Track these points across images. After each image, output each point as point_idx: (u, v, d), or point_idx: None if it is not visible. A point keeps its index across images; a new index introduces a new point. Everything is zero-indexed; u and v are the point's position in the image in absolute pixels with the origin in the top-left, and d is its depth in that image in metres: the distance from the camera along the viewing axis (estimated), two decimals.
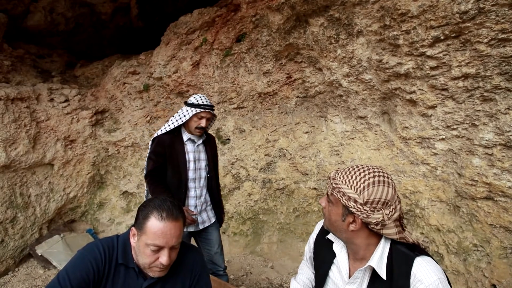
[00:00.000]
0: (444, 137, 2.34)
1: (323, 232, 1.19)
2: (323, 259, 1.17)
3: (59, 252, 3.30)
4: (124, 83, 4.20)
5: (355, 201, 0.97)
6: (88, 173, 3.97)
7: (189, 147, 2.24)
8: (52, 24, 4.45)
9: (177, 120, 2.20)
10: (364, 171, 1.00)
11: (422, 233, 2.55)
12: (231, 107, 3.64)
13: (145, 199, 2.12)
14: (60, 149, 3.75)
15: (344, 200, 0.99)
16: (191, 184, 2.24)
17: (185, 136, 2.24)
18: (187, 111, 2.17)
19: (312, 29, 2.78)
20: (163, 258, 1.10)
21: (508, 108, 1.93)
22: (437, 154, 2.41)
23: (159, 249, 1.10)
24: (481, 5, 1.80)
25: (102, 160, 4.13)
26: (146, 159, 2.26)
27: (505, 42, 1.81)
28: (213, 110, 2.23)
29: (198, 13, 3.67)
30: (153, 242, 1.08)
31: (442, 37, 2.05)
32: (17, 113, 3.41)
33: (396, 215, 0.97)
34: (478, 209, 2.17)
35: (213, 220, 2.37)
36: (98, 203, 4.08)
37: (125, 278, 1.16)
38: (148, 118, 4.17)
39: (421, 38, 2.14)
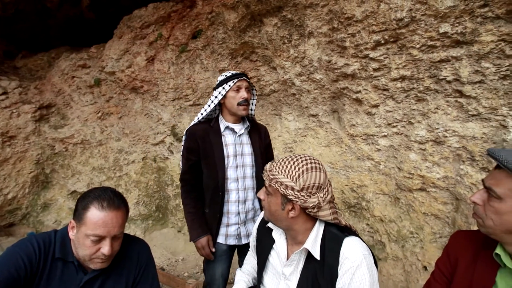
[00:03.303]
0: (386, 134, 2.52)
1: (264, 221, 1.24)
2: (264, 246, 1.22)
3: None
4: (73, 77, 3.96)
5: (293, 189, 1.03)
6: (31, 172, 3.68)
7: (228, 138, 1.78)
8: None
9: (209, 105, 1.80)
10: (297, 160, 1.06)
11: (367, 224, 2.73)
12: (187, 104, 3.60)
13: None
14: None
15: (282, 190, 1.04)
16: (231, 186, 1.77)
17: (222, 124, 1.79)
18: (219, 92, 1.76)
19: (266, 28, 2.85)
20: (105, 248, 1.07)
21: (437, 108, 2.14)
22: (380, 150, 2.59)
23: (100, 239, 1.07)
24: (413, 14, 1.98)
25: (48, 158, 3.86)
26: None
27: (433, 49, 2.02)
28: (249, 79, 1.82)
29: (153, 7, 3.58)
30: (93, 232, 1.06)
31: (382, 41, 2.22)
32: None
33: (329, 197, 1.05)
34: (414, 200, 2.37)
35: None
36: (43, 204, 3.79)
37: (62, 273, 1.12)
38: (100, 114, 3.98)
39: (365, 41, 2.30)
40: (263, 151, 1.88)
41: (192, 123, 1.85)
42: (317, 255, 1.05)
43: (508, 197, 0.83)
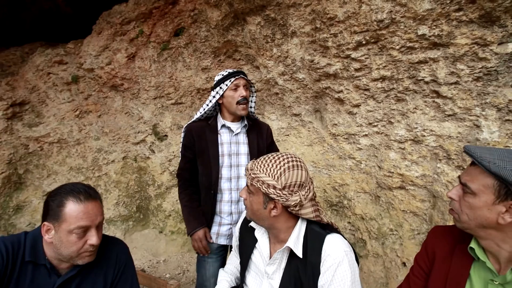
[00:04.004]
0: (367, 133, 2.57)
1: (247, 221, 1.23)
2: (246, 245, 1.21)
3: None
4: (49, 73, 3.80)
5: (274, 187, 1.02)
6: (2, 172, 3.51)
7: (224, 137, 1.77)
8: None
9: (207, 105, 1.77)
10: (278, 158, 1.06)
11: (349, 222, 2.77)
12: (169, 102, 3.54)
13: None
14: None
15: (264, 188, 1.04)
16: (224, 185, 1.75)
17: (220, 123, 1.78)
18: (216, 92, 1.74)
19: (249, 27, 2.84)
20: (93, 238, 1.06)
21: (415, 108, 2.20)
22: (361, 149, 2.64)
23: (85, 230, 1.05)
24: (393, 16, 2.03)
25: (21, 158, 3.69)
26: None
27: (412, 50, 2.07)
28: (246, 77, 1.78)
29: (134, 3, 3.49)
30: (77, 225, 1.03)
31: (364, 42, 2.26)
32: None
33: (310, 194, 1.06)
34: (394, 198, 2.43)
35: None
36: (15, 206, 3.62)
37: (33, 276, 1.07)
38: (78, 112, 3.84)
39: (347, 41, 2.33)
40: (263, 151, 1.84)
41: (190, 121, 1.84)
42: (299, 253, 1.05)
43: (482, 193, 0.86)
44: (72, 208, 1.04)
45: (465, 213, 0.89)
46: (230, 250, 1.86)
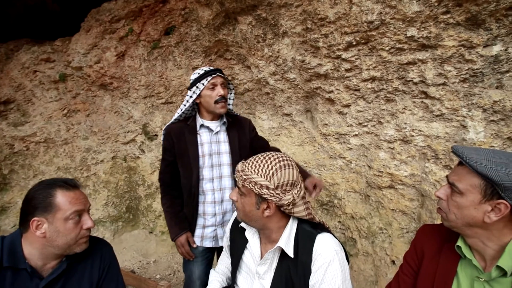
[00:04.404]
0: (357, 133, 2.59)
1: (237, 221, 1.23)
2: (237, 246, 1.21)
3: None
4: (35, 71, 3.72)
5: (267, 188, 1.02)
6: None
7: (203, 137, 1.72)
8: None
9: (184, 105, 1.73)
10: (269, 158, 1.06)
11: (339, 222, 2.80)
12: (159, 101, 3.51)
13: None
14: None
15: (257, 189, 1.03)
16: (207, 186, 1.72)
17: (198, 123, 1.73)
18: (193, 91, 1.69)
19: (241, 27, 2.84)
20: (88, 222, 1.11)
21: (404, 108, 2.23)
22: (351, 148, 2.66)
23: (80, 215, 1.10)
24: (383, 17, 2.05)
25: (6, 158, 3.60)
26: None
27: (401, 51, 2.10)
28: (224, 75, 1.73)
29: (123, 0, 3.44)
30: (73, 209, 1.07)
31: (354, 43, 2.28)
32: None
33: (302, 193, 1.06)
34: (383, 197, 2.46)
35: None
36: (0, 207, 3.53)
37: (13, 282, 1.04)
38: (66, 111, 3.77)
39: (337, 42, 2.35)
40: (245, 146, 1.79)
41: (169, 122, 1.80)
42: (290, 253, 1.06)
43: (469, 192, 0.87)
44: (63, 196, 1.07)
45: (453, 212, 0.91)
46: (218, 251, 1.87)
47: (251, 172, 1.05)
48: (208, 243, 1.75)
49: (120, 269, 1.30)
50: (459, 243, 0.95)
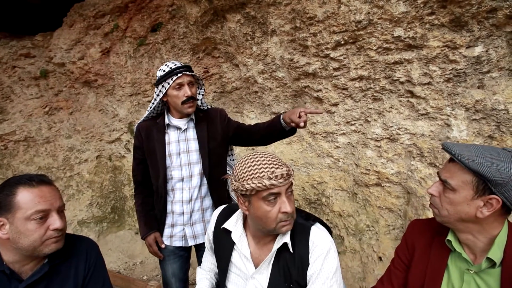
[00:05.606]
0: (344, 132, 2.63)
1: (219, 223, 1.22)
2: (223, 249, 1.20)
3: None
4: (14, 67, 3.58)
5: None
6: None
7: (171, 135, 1.67)
8: None
9: (153, 103, 1.68)
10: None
11: (327, 220, 2.82)
12: (145, 99, 3.44)
13: None
14: None
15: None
16: (176, 185, 1.67)
17: (166, 121, 1.68)
18: (159, 90, 1.62)
19: (229, 24, 2.82)
20: (56, 222, 1.01)
21: (391, 107, 2.27)
22: (339, 147, 2.69)
23: (46, 216, 0.99)
24: (371, 17, 2.09)
25: None
26: None
27: (388, 51, 2.14)
28: (192, 72, 1.62)
29: None
30: (35, 209, 0.97)
31: (342, 42, 2.31)
32: None
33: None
34: (370, 195, 2.50)
35: None
36: None
37: None
38: (47, 108, 3.65)
39: (326, 41, 2.37)
40: (216, 138, 1.71)
41: (141, 119, 1.76)
42: (291, 247, 1.08)
43: (461, 189, 0.90)
44: (26, 193, 0.98)
45: (445, 208, 0.93)
46: (196, 250, 1.84)
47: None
48: (178, 243, 1.72)
49: (107, 269, 1.26)
50: (449, 237, 0.98)
